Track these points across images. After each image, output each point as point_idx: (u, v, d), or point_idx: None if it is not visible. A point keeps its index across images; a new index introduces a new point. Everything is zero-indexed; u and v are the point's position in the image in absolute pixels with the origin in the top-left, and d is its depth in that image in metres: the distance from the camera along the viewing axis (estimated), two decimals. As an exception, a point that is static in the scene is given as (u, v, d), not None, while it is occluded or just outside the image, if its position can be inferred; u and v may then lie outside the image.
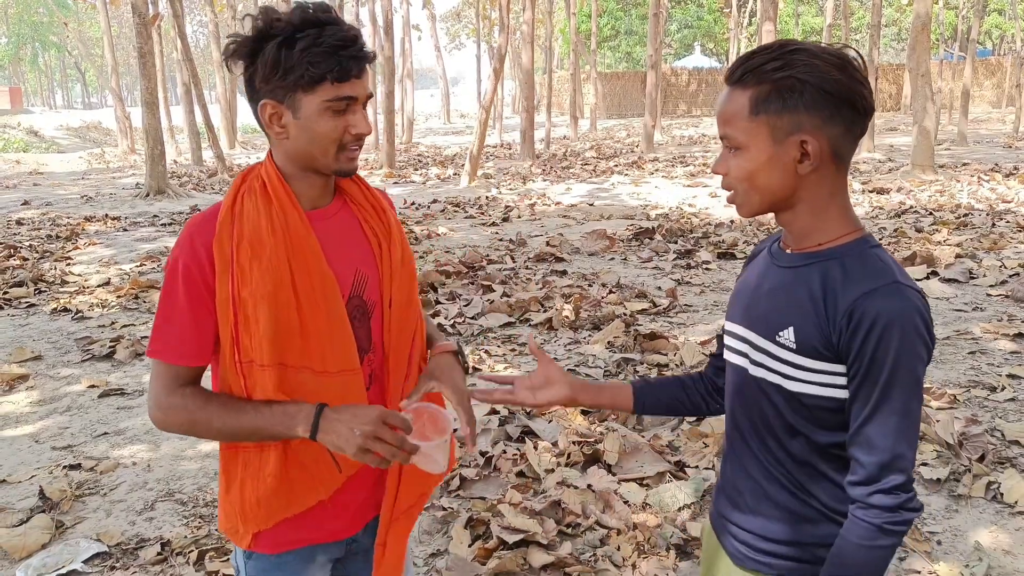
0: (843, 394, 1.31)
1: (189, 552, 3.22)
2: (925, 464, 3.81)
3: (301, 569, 1.66)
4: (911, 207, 11.76)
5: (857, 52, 1.34)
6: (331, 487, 1.61)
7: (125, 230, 11.82)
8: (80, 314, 6.98)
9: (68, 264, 9.24)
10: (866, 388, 1.27)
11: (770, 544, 1.44)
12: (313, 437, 1.46)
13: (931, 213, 11.15)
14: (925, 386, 4.63)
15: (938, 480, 3.66)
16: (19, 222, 12.52)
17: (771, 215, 1.41)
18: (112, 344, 5.99)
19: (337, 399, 1.52)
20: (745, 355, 1.45)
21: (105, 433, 4.51)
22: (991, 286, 7.13)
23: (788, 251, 1.42)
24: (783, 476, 1.42)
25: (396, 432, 1.45)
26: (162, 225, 12.22)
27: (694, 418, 4.35)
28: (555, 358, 5.57)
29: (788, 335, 1.34)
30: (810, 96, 1.27)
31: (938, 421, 4.11)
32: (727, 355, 1.53)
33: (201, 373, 1.57)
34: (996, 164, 16.82)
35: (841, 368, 1.30)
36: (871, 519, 1.28)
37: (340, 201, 1.65)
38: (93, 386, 5.22)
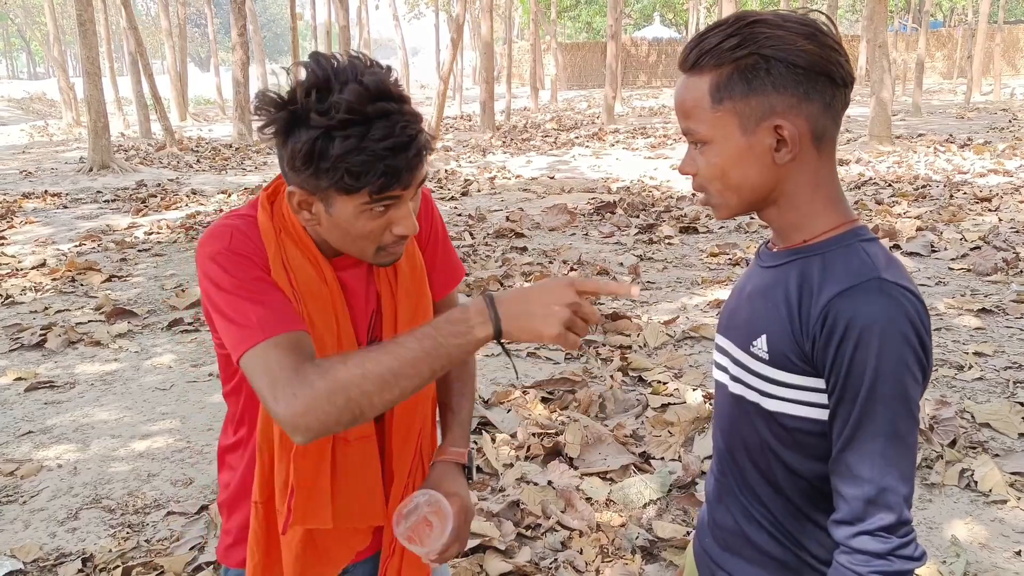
0: (825, 414, 1.11)
1: (114, 568, 2.95)
2: (896, 451, 3.67)
3: None
4: (870, 179, 11.71)
5: (827, 16, 1.13)
6: (345, 562, 1.50)
7: (65, 207, 11.33)
8: (10, 299, 6.59)
9: (1, 244, 8.79)
10: (845, 406, 1.07)
11: None
12: (499, 335, 1.16)
13: (890, 185, 11.11)
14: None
15: (910, 469, 3.52)
16: (-48, 200, 11.95)
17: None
18: (43, 332, 5.64)
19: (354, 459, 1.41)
20: (725, 369, 1.26)
21: (30, 432, 4.20)
22: (952, 260, 7.05)
23: (774, 249, 1.22)
24: (763, 517, 1.23)
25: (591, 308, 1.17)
26: (105, 202, 11.74)
27: (659, 405, 4.17)
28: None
29: (761, 344, 1.15)
30: (779, 73, 1.09)
31: (909, 406, 3.97)
32: (714, 372, 1.33)
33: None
34: (950, 135, 16.89)
35: (820, 383, 1.10)
36: (855, 567, 1.06)
37: None
38: (20, 379, 4.89)
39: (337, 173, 1.19)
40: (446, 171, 14.27)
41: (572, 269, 7.02)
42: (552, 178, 13.26)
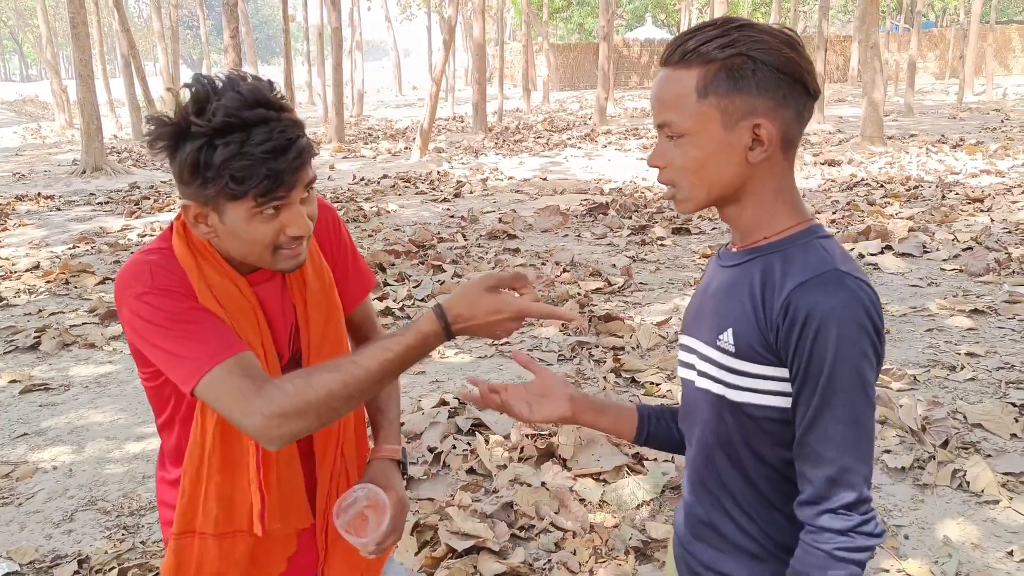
0: (788, 403, 1.17)
1: (110, 570, 2.95)
2: (888, 451, 3.70)
3: None
4: (862, 179, 11.75)
5: (794, 33, 1.20)
6: (278, 570, 1.53)
7: (59, 209, 11.31)
8: (4, 301, 6.58)
9: (-5, 247, 8.77)
10: (806, 391, 1.13)
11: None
12: (450, 336, 1.30)
13: (882, 185, 11.15)
14: (885, 367, 4.57)
15: (902, 468, 3.54)
16: (-56, 202, 11.90)
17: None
18: (38, 334, 5.63)
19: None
20: (692, 366, 1.31)
21: (25, 434, 4.19)
22: (944, 260, 7.09)
23: (734, 249, 1.28)
24: (732, 508, 1.27)
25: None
26: (99, 204, 11.72)
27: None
28: (507, 342, 5.37)
29: (727, 337, 1.20)
30: (763, 76, 1.14)
31: (901, 406, 4.00)
32: (679, 371, 1.37)
33: None
34: (942, 135, 16.96)
35: (783, 372, 1.16)
36: (820, 544, 1.12)
37: None
38: (14, 381, 4.88)
39: (222, 180, 1.24)
40: (439, 172, 14.27)
41: (565, 270, 7.04)
42: (544, 179, 13.27)
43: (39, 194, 12.48)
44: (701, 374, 1.27)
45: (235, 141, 1.22)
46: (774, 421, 1.19)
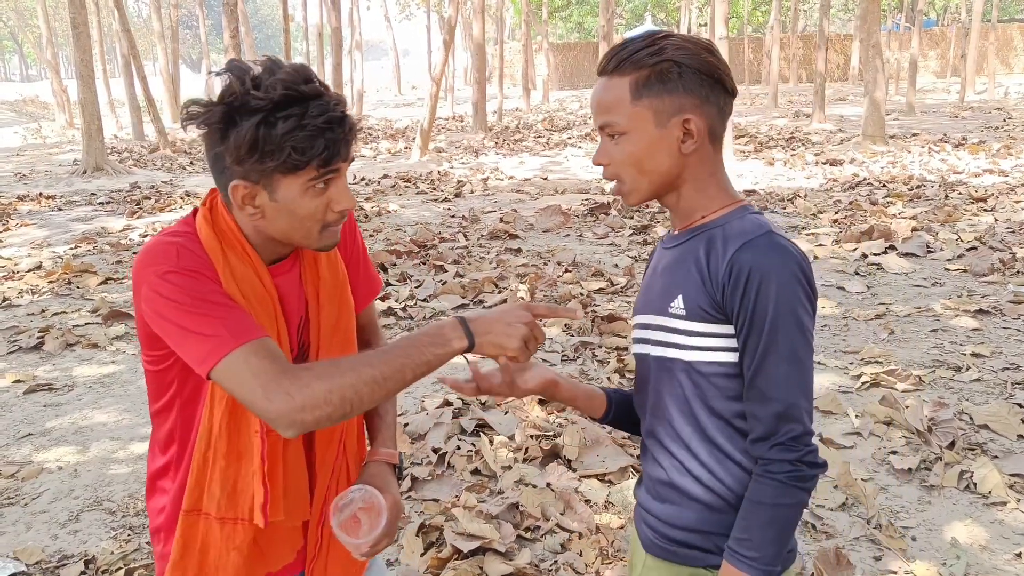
0: (735, 357, 1.32)
1: (116, 570, 2.94)
2: (895, 452, 3.69)
3: None
4: (864, 179, 11.74)
5: (711, 41, 1.40)
6: (284, 561, 1.55)
7: (60, 209, 11.30)
8: (7, 302, 6.57)
9: (-4, 247, 8.76)
10: (752, 339, 1.28)
11: (676, 531, 1.42)
12: (471, 346, 1.34)
13: (884, 185, 11.14)
14: (890, 368, 4.57)
15: (909, 469, 3.53)
16: (-55, 202, 11.89)
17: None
18: (41, 334, 5.62)
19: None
20: (646, 340, 1.44)
21: (29, 434, 4.19)
22: (948, 260, 7.08)
23: (676, 232, 1.44)
24: (689, 463, 1.39)
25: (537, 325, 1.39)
26: (100, 204, 11.71)
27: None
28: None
29: (678, 303, 1.35)
30: (688, 78, 1.32)
31: (907, 407, 3.99)
32: (633, 349, 1.50)
33: None
34: (944, 134, 16.95)
35: (730, 329, 1.31)
36: (773, 474, 1.27)
37: (295, 255, 1.50)
38: (18, 381, 4.88)
39: (283, 152, 1.27)
40: (439, 172, 14.26)
41: (567, 271, 7.03)
42: (545, 179, 13.27)
43: (40, 194, 12.47)
44: (655, 343, 1.40)
45: (295, 114, 1.26)
46: (724, 376, 1.33)
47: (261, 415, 1.26)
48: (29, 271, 7.62)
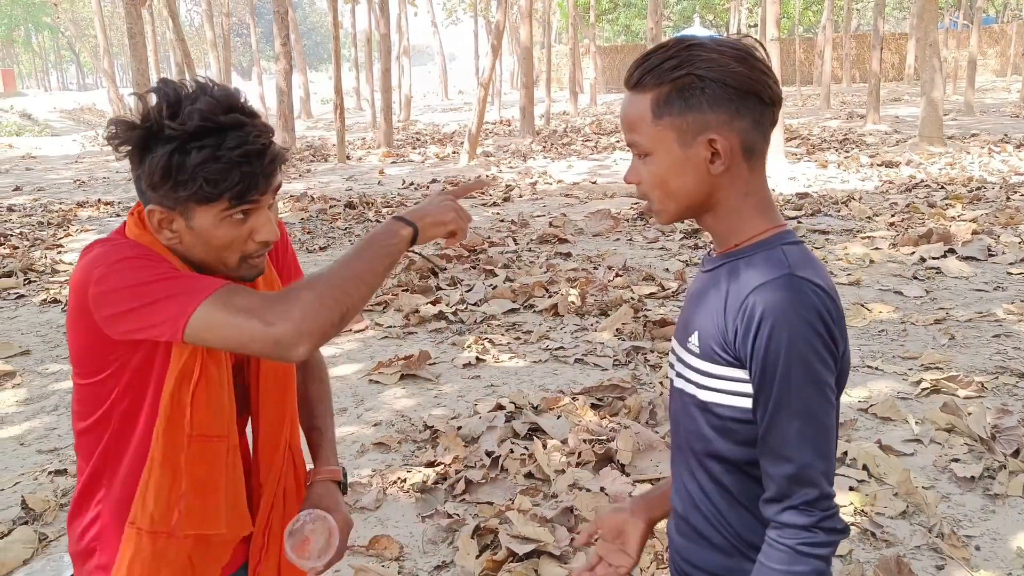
0: (750, 403, 1.22)
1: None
2: (956, 460, 3.61)
3: None
4: (922, 181, 11.51)
5: (757, 41, 1.26)
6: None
7: (118, 215, 11.58)
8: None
9: (59, 252, 9.02)
10: (764, 391, 1.18)
11: (691, 568, 1.37)
12: (416, 232, 1.38)
13: (943, 187, 10.91)
14: (951, 374, 4.46)
15: (972, 478, 3.45)
16: (10, 208, 12.27)
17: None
18: (102, 337, 5.77)
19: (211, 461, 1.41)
20: (673, 367, 1.38)
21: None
22: (1011, 264, 6.90)
23: (714, 255, 1.34)
24: (702, 502, 1.33)
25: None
26: (156, 210, 11.97)
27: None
28: (561, 346, 5.36)
29: (694, 340, 1.28)
30: (712, 92, 1.20)
31: (970, 413, 3.90)
32: (668, 372, 1.44)
33: None
34: (1005, 134, 16.54)
35: (742, 374, 1.21)
36: (785, 540, 1.17)
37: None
38: (81, 383, 5.01)
39: (195, 183, 1.24)
40: (487, 175, 14.31)
41: (617, 275, 7.00)
42: (594, 183, 13.24)
43: (99, 200, 12.80)
44: (678, 375, 1.34)
45: (209, 145, 1.24)
46: (738, 421, 1.24)
47: (265, 343, 1.23)
48: (90, 275, 7.82)
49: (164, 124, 1.24)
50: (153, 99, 1.28)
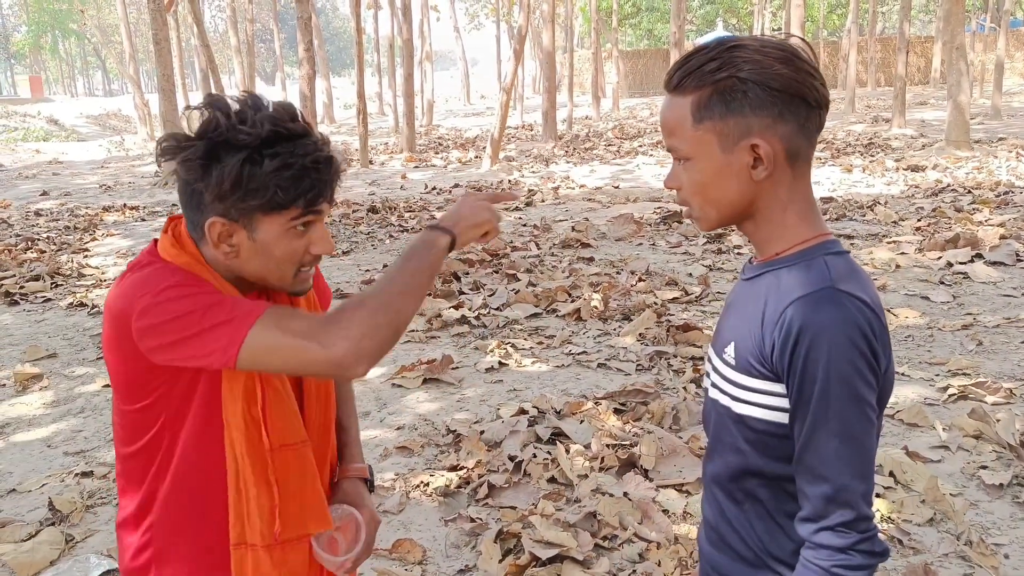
0: (787, 418, 1.19)
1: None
2: (984, 468, 3.56)
3: None
4: (948, 185, 11.38)
5: (804, 40, 1.22)
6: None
7: (143, 220, 11.70)
8: (96, 308, 6.83)
9: (85, 256, 9.12)
10: (801, 408, 1.14)
11: None
12: (454, 238, 1.39)
13: (970, 191, 10.78)
14: (979, 380, 4.41)
15: (1000, 485, 3.41)
16: (37, 213, 12.43)
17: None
18: (128, 340, 5.82)
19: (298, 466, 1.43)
20: (709, 376, 1.36)
21: (119, 437, 4.34)
22: (1039, 269, 6.81)
23: (754, 263, 1.30)
24: (733, 515, 1.31)
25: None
26: (181, 214, 12.07)
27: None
28: (584, 351, 5.35)
29: (730, 351, 1.25)
30: (755, 95, 1.16)
31: (998, 420, 3.85)
32: (705, 380, 1.41)
33: None
34: (1033, 138, 16.32)
35: (779, 388, 1.18)
36: (819, 561, 1.13)
37: (261, 293, 1.45)
38: (108, 385, 5.06)
39: (268, 191, 1.25)
40: (509, 181, 14.33)
41: (640, 279, 6.98)
42: (616, 187, 13.21)
43: (124, 205, 12.93)
44: (713, 385, 1.31)
45: (282, 152, 1.25)
46: (773, 435, 1.20)
47: (327, 366, 1.24)
48: (115, 279, 7.90)
49: (238, 129, 1.24)
50: (206, 114, 1.28)
